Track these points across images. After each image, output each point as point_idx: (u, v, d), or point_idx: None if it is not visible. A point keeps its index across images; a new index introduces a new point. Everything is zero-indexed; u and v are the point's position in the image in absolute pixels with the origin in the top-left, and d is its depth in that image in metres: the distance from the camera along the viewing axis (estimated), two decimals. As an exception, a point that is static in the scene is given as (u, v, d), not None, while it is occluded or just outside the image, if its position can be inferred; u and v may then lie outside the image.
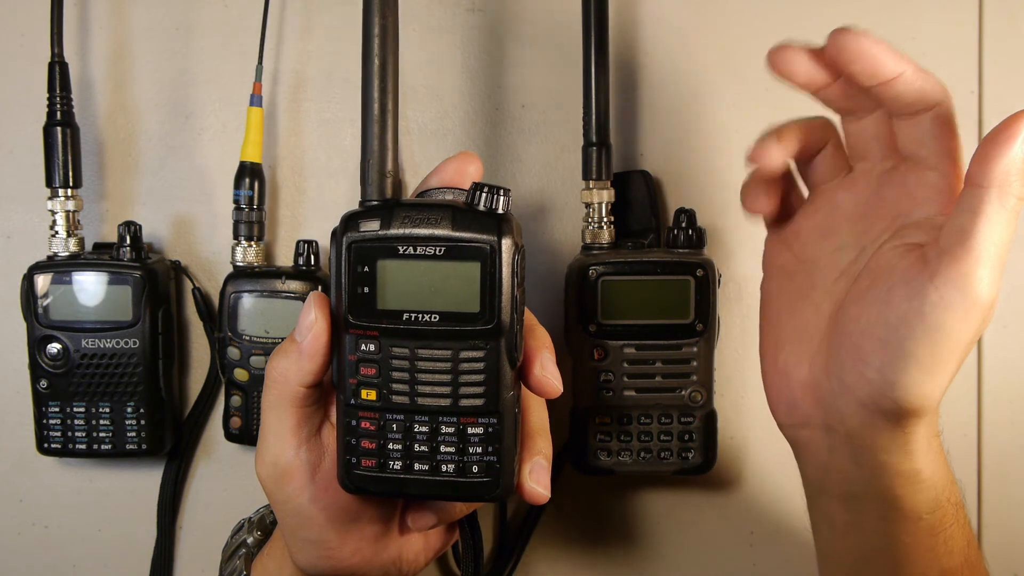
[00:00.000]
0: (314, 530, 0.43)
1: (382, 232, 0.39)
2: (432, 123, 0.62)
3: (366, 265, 0.39)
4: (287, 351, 0.41)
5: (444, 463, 0.40)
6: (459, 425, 0.40)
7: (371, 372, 0.40)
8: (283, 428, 0.42)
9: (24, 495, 0.64)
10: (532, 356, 0.42)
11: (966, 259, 0.38)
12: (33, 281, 0.58)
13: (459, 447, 0.40)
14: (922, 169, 0.42)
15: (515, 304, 0.39)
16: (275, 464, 0.42)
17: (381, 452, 0.41)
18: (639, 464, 0.58)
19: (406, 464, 0.41)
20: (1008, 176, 0.38)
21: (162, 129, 0.62)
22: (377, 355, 0.40)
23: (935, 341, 0.39)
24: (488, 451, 0.40)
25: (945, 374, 0.40)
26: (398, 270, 0.39)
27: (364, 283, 0.39)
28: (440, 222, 0.38)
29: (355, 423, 0.41)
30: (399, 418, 0.40)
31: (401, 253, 0.38)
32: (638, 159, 0.62)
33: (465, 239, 0.38)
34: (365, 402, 0.40)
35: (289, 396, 0.42)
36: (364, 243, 0.39)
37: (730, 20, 0.62)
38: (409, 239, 0.38)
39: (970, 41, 0.62)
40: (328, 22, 0.62)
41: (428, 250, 0.38)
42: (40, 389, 0.59)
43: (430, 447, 0.40)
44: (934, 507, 0.43)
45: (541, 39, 0.62)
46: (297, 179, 0.63)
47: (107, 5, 0.62)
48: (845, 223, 0.46)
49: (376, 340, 0.40)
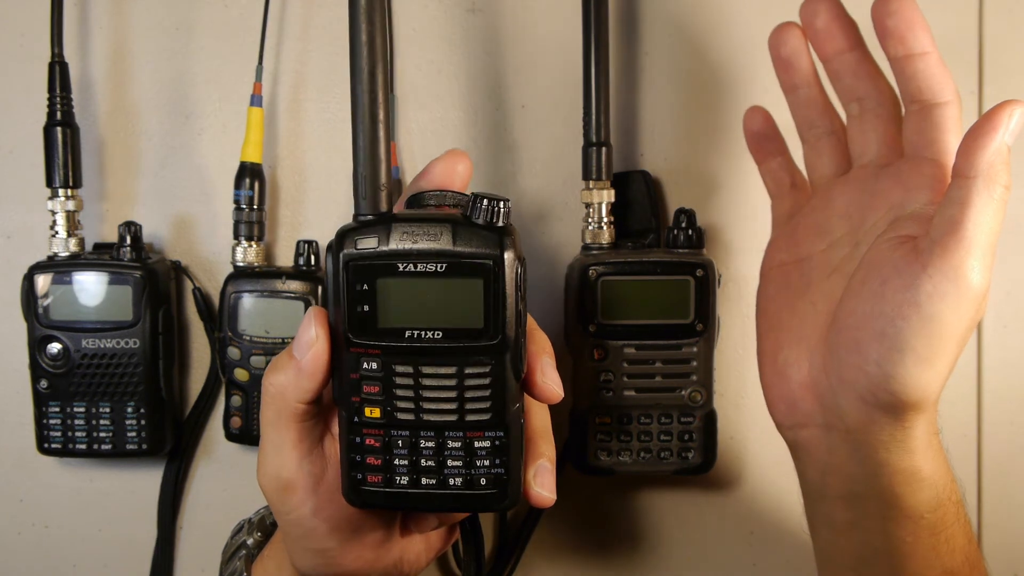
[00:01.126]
0: (317, 540, 0.43)
1: (380, 248, 0.38)
2: (432, 123, 0.62)
3: (365, 283, 0.38)
4: (284, 367, 0.40)
5: (451, 476, 0.40)
6: (466, 439, 0.40)
7: (374, 390, 0.39)
8: (283, 443, 0.41)
9: (24, 495, 0.64)
10: (533, 363, 0.41)
11: (957, 249, 0.39)
12: (33, 281, 0.58)
13: (466, 460, 0.40)
14: (919, 162, 0.42)
15: (519, 318, 0.38)
16: (277, 477, 0.42)
17: (387, 468, 0.40)
18: (639, 464, 0.58)
19: (413, 479, 0.40)
20: (993, 166, 0.38)
21: (162, 129, 0.62)
22: (380, 373, 0.39)
23: (931, 332, 0.39)
24: (495, 463, 0.40)
25: (942, 365, 0.40)
26: (399, 288, 0.38)
27: (364, 301, 0.38)
28: (440, 237, 0.38)
29: (359, 440, 0.40)
30: (404, 434, 0.40)
31: (401, 270, 0.38)
32: (638, 159, 0.62)
33: (467, 255, 0.37)
34: (369, 419, 0.40)
35: (288, 412, 0.41)
36: (362, 260, 0.38)
37: (730, 20, 0.62)
38: (409, 255, 0.37)
39: (970, 41, 0.62)
40: (328, 22, 0.62)
41: (429, 267, 0.37)
42: (40, 389, 0.59)
43: (437, 461, 0.40)
44: (935, 506, 0.43)
45: (541, 39, 0.62)
46: (297, 179, 0.63)
47: (107, 5, 0.62)
48: (838, 220, 0.46)
49: (378, 358, 0.39)
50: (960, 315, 0.39)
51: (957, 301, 0.39)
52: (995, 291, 0.62)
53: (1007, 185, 0.39)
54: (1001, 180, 0.38)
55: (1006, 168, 0.39)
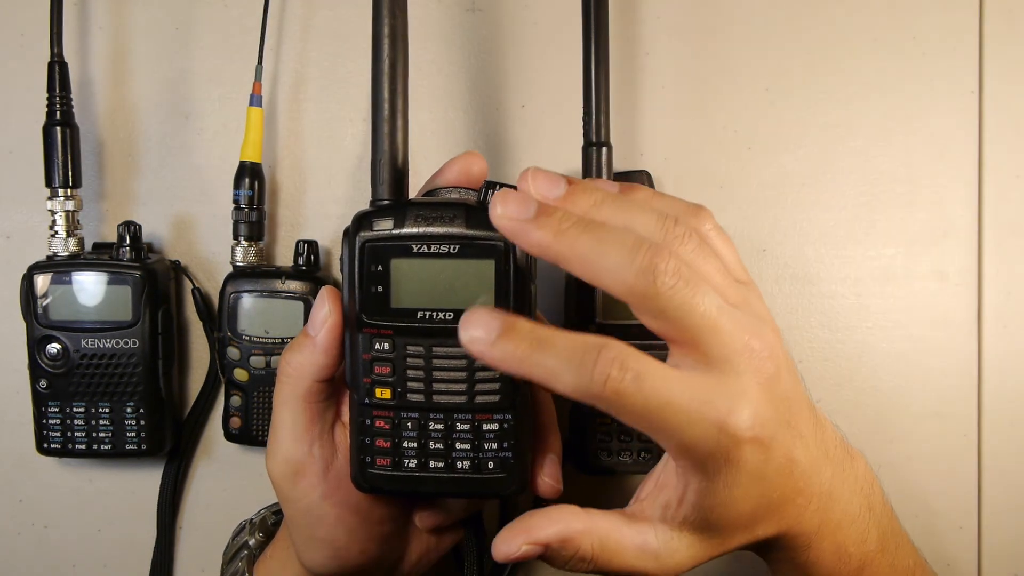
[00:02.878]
0: (324, 528, 0.43)
1: (395, 231, 0.39)
2: (432, 123, 0.62)
3: (379, 264, 0.39)
4: (300, 346, 0.41)
5: (459, 460, 0.40)
6: (474, 422, 0.40)
7: (386, 371, 0.40)
8: (296, 424, 0.42)
9: (24, 495, 0.64)
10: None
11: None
12: (33, 281, 0.58)
13: (474, 444, 0.40)
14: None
15: (530, 301, 0.39)
16: (288, 461, 0.42)
17: (396, 451, 0.41)
18: (639, 464, 0.58)
19: (421, 462, 0.41)
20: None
21: (162, 129, 0.62)
22: (391, 353, 0.40)
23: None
24: (503, 447, 0.40)
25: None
26: (412, 269, 0.39)
27: (378, 282, 0.39)
28: (454, 220, 0.39)
29: (369, 422, 0.41)
30: (414, 416, 0.40)
31: (415, 252, 0.39)
32: (638, 159, 0.62)
33: (479, 237, 0.38)
34: (379, 401, 0.40)
35: (303, 391, 0.42)
36: (377, 242, 0.39)
37: (730, 20, 0.62)
38: (423, 238, 0.39)
39: (970, 41, 0.62)
40: (328, 22, 0.62)
41: (442, 248, 0.38)
42: (40, 389, 0.59)
43: (445, 444, 0.40)
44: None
45: (541, 39, 0.62)
46: (297, 179, 0.63)
47: (107, 5, 0.62)
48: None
49: (390, 339, 0.40)
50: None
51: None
52: (995, 291, 0.62)
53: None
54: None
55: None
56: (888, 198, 0.62)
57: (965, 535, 0.63)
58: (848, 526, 0.41)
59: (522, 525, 0.38)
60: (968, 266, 0.62)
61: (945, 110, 0.62)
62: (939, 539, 0.63)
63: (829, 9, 0.61)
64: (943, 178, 0.62)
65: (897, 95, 0.62)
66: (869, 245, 0.62)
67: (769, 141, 0.62)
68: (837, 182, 0.62)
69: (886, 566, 0.43)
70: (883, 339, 0.63)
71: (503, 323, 0.35)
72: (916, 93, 0.62)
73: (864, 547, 0.42)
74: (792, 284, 0.62)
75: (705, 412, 0.35)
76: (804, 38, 0.62)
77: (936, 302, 0.62)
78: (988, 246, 0.62)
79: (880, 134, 0.62)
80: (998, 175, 0.62)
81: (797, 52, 0.62)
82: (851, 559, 0.41)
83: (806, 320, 0.63)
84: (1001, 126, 0.62)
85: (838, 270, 0.62)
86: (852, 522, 0.41)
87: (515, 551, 0.38)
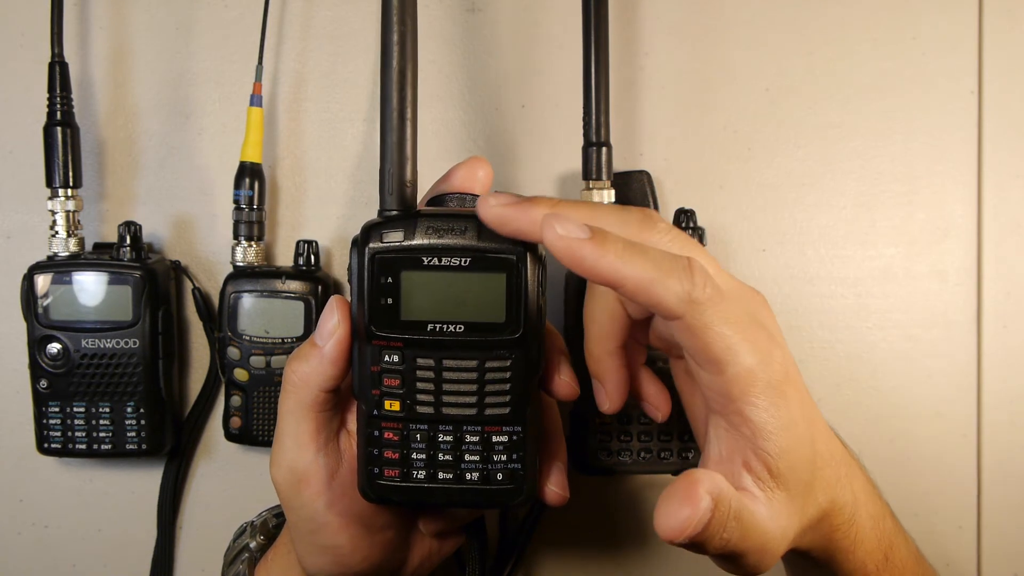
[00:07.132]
0: (327, 536, 0.43)
1: (406, 243, 0.38)
2: (432, 123, 0.62)
3: (389, 276, 0.39)
4: (307, 355, 0.41)
5: (468, 471, 0.40)
6: (484, 434, 0.40)
7: (395, 383, 0.40)
8: (301, 433, 0.42)
9: (24, 495, 0.64)
10: (550, 362, 0.41)
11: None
12: (33, 281, 0.58)
13: (484, 455, 0.40)
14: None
15: (540, 313, 0.39)
16: (292, 469, 0.42)
17: (405, 462, 0.40)
18: (639, 464, 0.58)
19: (430, 473, 0.40)
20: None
21: (162, 129, 0.62)
22: (401, 366, 0.39)
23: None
24: (512, 458, 0.40)
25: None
26: (423, 281, 0.39)
27: (387, 294, 0.39)
28: (465, 232, 0.38)
29: (377, 433, 0.40)
30: (423, 428, 0.40)
31: (426, 264, 0.38)
32: (638, 159, 0.62)
33: (491, 250, 0.38)
34: (388, 413, 0.40)
35: (309, 401, 0.41)
36: (387, 254, 0.38)
37: (730, 20, 0.62)
38: (434, 250, 0.38)
39: (970, 41, 0.62)
40: (328, 22, 0.62)
41: (453, 261, 0.38)
42: (40, 389, 0.59)
43: (454, 456, 0.40)
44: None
45: (541, 39, 0.62)
46: (297, 179, 0.63)
47: (107, 5, 0.62)
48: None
49: (400, 351, 0.39)
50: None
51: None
52: (995, 291, 0.62)
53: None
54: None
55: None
56: (888, 198, 0.62)
57: (965, 535, 0.63)
58: (868, 502, 0.43)
59: (676, 495, 0.36)
60: (968, 266, 0.62)
61: (945, 110, 0.62)
62: (939, 539, 0.63)
63: (829, 9, 0.62)
64: (943, 178, 0.62)
65: (897, 95, 0.62)
66: (869, 245, 0.62)
67: (769, 141, 0.62)
68: (837, 182, 0.62)
69: (901, 542, 0.45)
70: (883, 339, 0.63)
71: (591, 229, 0.36)
72: (916, 93, 0.62)
73: (884, 523, 0.44)
74: (792, 284, 0.62)
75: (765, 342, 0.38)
76: (804, 38, 0.62)
77: (936, 302, 0.62)
78: (988, 246, 0.62)
79: (880, 134, 0.62)
80: (998, 175, 0.62)
81: (797, 52, 0.62)
82: (884, 535, 0.43)
83: (806, 320, 0.63)
84: (1001, 126, 0.62)
85: (838, 270, 0.62)
86: (869, 498, 0.43)
87: (701, 509, 0.35)
